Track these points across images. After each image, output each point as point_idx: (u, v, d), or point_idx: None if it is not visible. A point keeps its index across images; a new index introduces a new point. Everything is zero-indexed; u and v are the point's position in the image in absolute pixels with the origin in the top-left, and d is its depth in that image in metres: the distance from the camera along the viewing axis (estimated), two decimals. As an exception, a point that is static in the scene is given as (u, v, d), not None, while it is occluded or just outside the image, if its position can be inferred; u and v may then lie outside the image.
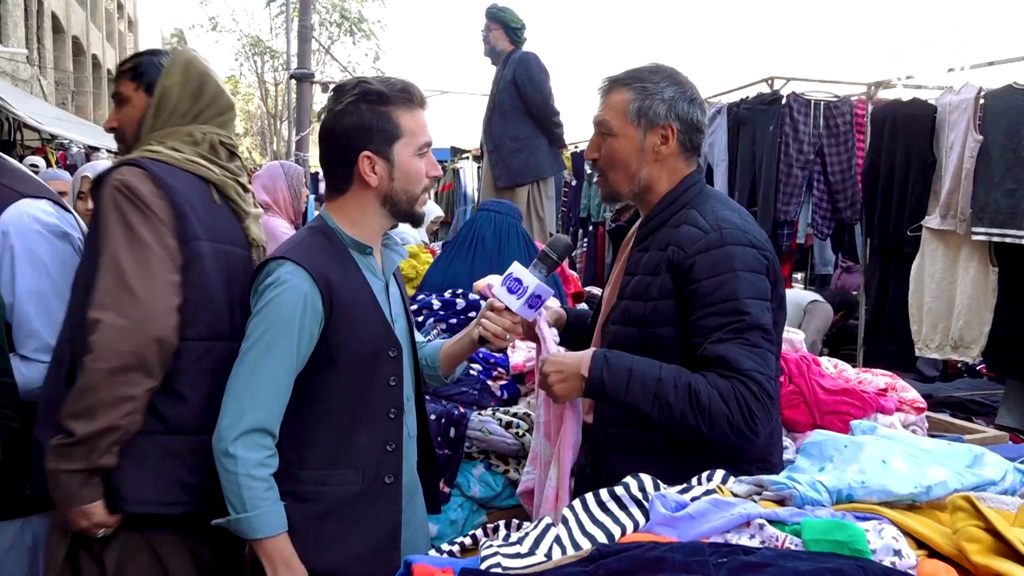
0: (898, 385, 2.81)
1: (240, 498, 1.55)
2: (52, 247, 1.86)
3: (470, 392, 2.46)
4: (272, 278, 1.61)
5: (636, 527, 1.16)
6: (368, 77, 1.74)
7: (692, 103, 1.76)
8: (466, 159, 10.60)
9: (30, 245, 1.82)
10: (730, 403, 1.55)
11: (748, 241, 1.66)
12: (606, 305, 1.89)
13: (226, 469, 1.56)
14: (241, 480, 1.55)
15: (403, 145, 1.67)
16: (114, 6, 30.78)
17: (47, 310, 1.83)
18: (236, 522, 1.56)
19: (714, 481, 1.28)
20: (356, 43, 29.64)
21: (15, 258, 1.80)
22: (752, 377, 1.57)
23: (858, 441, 1.26)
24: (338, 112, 1.67)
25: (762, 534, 1.08)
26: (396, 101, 1.67)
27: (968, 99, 4.36)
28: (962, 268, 4.38)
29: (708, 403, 1.56)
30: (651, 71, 1.77)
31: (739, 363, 1.57)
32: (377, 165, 1.67)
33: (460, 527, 2.29)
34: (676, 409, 1.57)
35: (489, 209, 3.41)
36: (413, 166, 1.69)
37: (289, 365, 1.59)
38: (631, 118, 1.75)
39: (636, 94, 1.74)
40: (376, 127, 1.65)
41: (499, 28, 4.94)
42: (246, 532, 1.57)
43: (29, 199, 1.86)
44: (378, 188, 1.69)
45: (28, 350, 1.81)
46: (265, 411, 1.58)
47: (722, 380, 1.57)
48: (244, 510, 1.55)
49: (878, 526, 1.08)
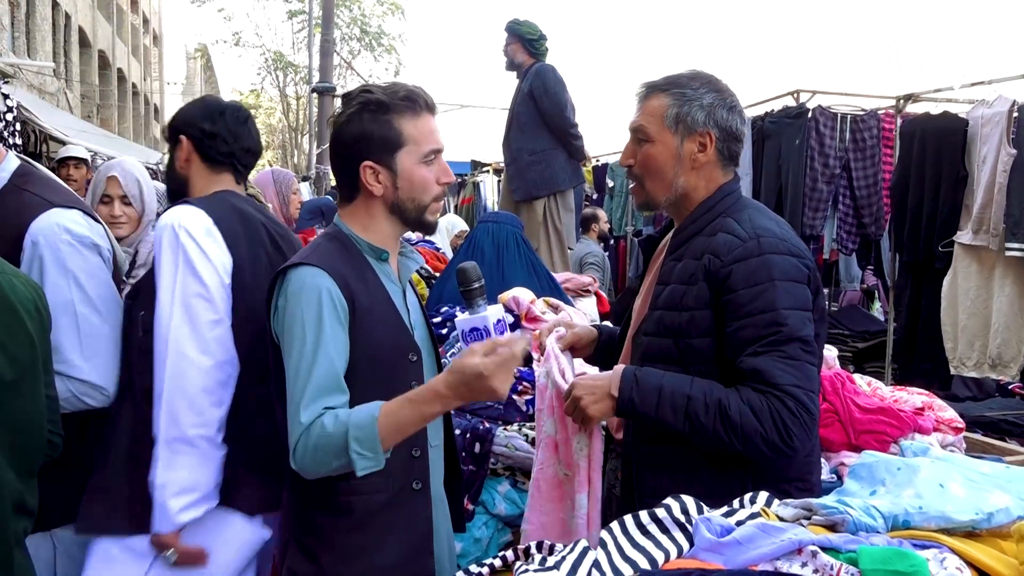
0: (935, 404, 2.72)
1: (332, 448, 1.46)
2: (82, 258, 1.84)
3: (495, 407, 2.41)
4: (293, 285, 1.57)
5: (680, 552, 1.11)
6: (372, 85, 1.71)
7: (731, 111, 1.72)
8: (486, 172, 10.60)
9: (59, 256, 1.80)
10: (763, 419, 1.51)
11: (787, 250, 1.61)
12: (637, 316, 1.84)
13: (310, 445, 1.47)
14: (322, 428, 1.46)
15: (407, 153, 1.63)
16: (140, 21, 31.27)
17: (74, 322, 1.81)
18: (353, 434, 1.45)
19: (758, 504, 1.23)
20: (377, 57, 29.92)
21: (44, 268, 1.78)
22: (788, 392, 1.51)
23: (912, 464, 1.20)
24: (342, 121, 1.65)
25: (815, 562, 1.02)
26: (398, 109, 1.63)
27: (1001, 112, 4.28)
28: (997, 285, 4.29)
29: (739, 420, 1.52)
30: (690, 77, 1.73)
31: (775, 377, 1.52)
32: (380, 174, 1.64)
33: (485, 546, 2.24)
34: (708, 427, 1.54)
35: (486, 221, 3.48)
36: (418, 174, 1.65)
37: (335, 352, 1.53)
38: (668, 124, 1.70)
39: (674, 100, 1.70)
40: (377, 136, 1.62)
41: (516, 41, 4.94)
42: (365, 427, 1.45)
43: (59, 208, 1.84)
44: (384, 197, 1.66)
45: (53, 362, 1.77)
46: (330, 398, 1.51)
47: (756, 395, 1.52)
48: (343, 426, 1.45)
49: (939, 555, 1.02)
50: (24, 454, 1.50)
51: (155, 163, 18.20)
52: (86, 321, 1.81)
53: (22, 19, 16.28)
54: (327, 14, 13.97)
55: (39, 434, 1.54)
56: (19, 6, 16.01)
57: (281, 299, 1.59)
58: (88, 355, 1.81)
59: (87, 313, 1.82)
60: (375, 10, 29.81)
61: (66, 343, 1.79)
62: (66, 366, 1.79)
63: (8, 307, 1.45)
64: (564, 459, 1.80)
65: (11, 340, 1.45)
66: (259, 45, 30.62)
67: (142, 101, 31.27)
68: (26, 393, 1.49)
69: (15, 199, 1.81)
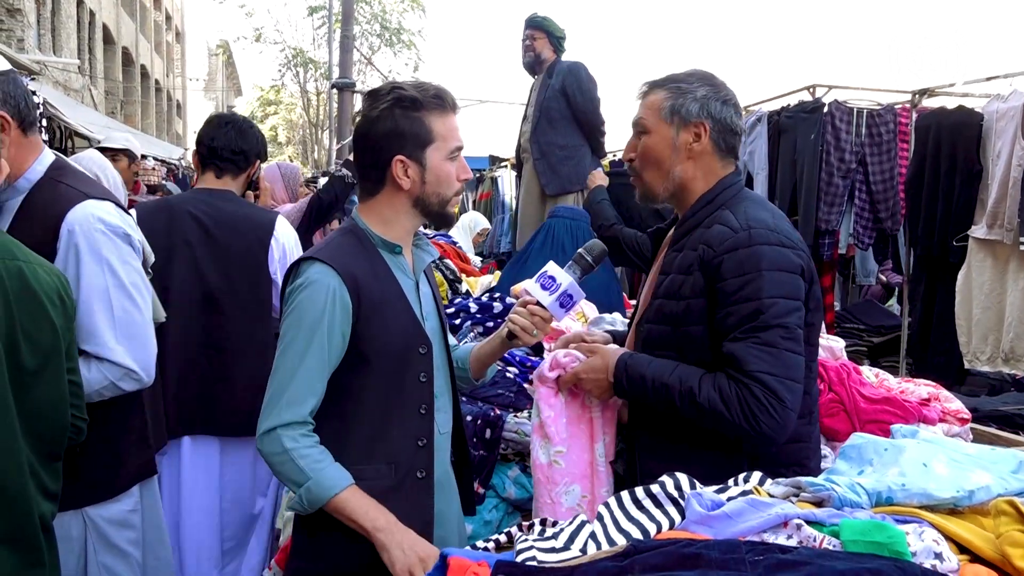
0: (941, 395, 2.75)
1: (298, 470, 1.59)
2: (116, 247, 1.91)
3: (506, 394, 2.47)
4: (302, 279, 1.66)
5: (672, 525, 1.16)
6: (402, 82, 1.78)
7: (725, 104, 1.78)
8: (504, 167, 10.62)
9: (95, 244, 1.87)
10: (730, 405, 1.59)
11: (778, 240, 1.66)
12: (642, 304, 1.90)
13: (275, 455, 1.61)
14: (292, 455, 1.60)
15: (435, 149, 1.71)
16: (162, 18, 31.59)
17: (109, 307, 1.88)
18: (306, 492, 1.59)
19: (751, 482, 1.28)
20: (396, 53, 30.04)
21: (80, 256, 1.85)
22: (757, 378, 1.58)
23: (899, 444, 1.25)
24: (373, 117, 1.71)
25: (799, 534, 1.08)
26: (429, 106, 1.70)
27: (1016, 107, 4.26)
28: (1011, 279, 4.28)
29: (707, 406, 1.61)
30: (687, 73, 1.82)
31: (747, 364, 1.59)
32: (410, 169, 1.70)
33: (495, 528, 2.30)
34: (683, 412, 1.66)
35: (562, 216, 3.53)
36: (444, 170, 1.73)
37: (322, 361, 1.64)
38: (664, 116, 1.78)
39: (670, 93, 1.79)
40: (409, 132, 1.69)
41: (544, 37, 4.99)
42: (318, 496, 1.59)
43: (94, 200, 1.91)
44: (410, 191, 1.73)
45: (88, 346, 1.86)
46: (304, 407, 1.63)
47: (727, 381, 1.61)
48: (306, 477, 1.59)
49: (918, 529, 1.07)
50: (48, 439, 1.55)
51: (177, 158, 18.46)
52: (120, 307, 1.88)
53: (47, 17, 16.54)
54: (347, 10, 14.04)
55: (62, 420, 1.59)
56: (44, 4, 16.25)
57: (290, 288, 1.68)
58: (122, 339, 1.87)
59: (121, 299, 1.88)
60: (395, 6, 29.95)
61: (101, 327, 1.86)
62: (102, 349, 1.85)
63: (32, 296, 1.49)
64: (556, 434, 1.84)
65: (35, 328, 1.49)
66: (280, 41, 30.83)
67: (165, 97, 31.61)
68: (49, 380, 1.53)
69: (52, 190, 1.88)
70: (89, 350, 1.84)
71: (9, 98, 1.76)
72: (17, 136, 1.81)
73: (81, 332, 1.82)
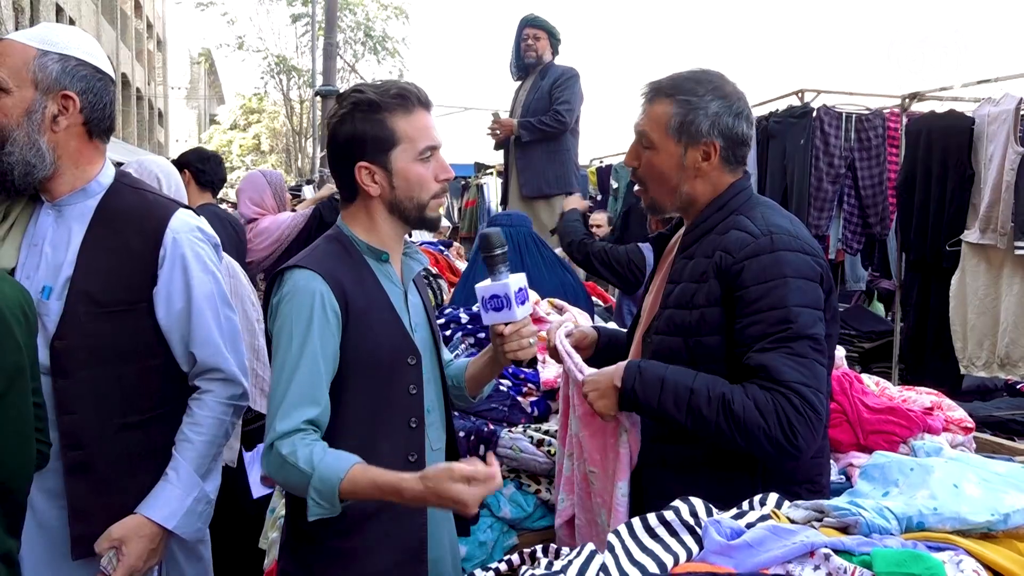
0: (944, 404, 2.69)
1: (299, 471, 1.46)
2: (215, 256, 1.92)
3: (500, 409, 2.39)
4: (287, 287, 1.58)
5: (689, 555, 1.08)
6: (364, 84, 1.70)
7: (738, 117, 1.68)
8: (490, 175, 10.56)
9: (199, 254, 1.86)
10: (767, 416, 1.48)
11: (800, 247, 1.58)
12: (647, 315, 1.81)
13: (277, 467, 1.51)
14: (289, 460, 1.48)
15: (402, 151, 1.61)
16: (143, 26, 31.34)
17: (217, 316, 1.86)
18: (315, 490, 1.46)
19: (768, 505, 1.20)
20: (380, 61, 29.94)
21: (187, 265, 1.82)
22: (794, 389, 1.49)
23: (925, 464, 1.17)
24: (335, 123, 1.64)
25: (828, 565, 1.00)
26: (390, 107, 1.61)
27: (1008, 110, 4.25)
28: (1005, 283, 4.25)
29: (743, 414, 1.49)
30: (696, 81, 1.69)
31: (782, 374, 1.49)
32: (376, 175, 1.62)
33: (490, 549, 2.21)
34: (710, 421, 1.52)
35: (499, 224, 3.41)
36: (415, 172, 1.63)
37: (316, 370, 1.54)
38: (672, 132, 1.67)
39: (679, 108, 1.67)
40: (371, 136, 1.60)
41: (546, 37, 4.95)
42: (329, 487, 1.45)
43: (184, 209, 1.91)
44: (381, 196, 1.64)
45: (203, 353, 1.83)
46: (298, 416, 1.51)
47: (761, 392, 1.50)
48: (309, 473, 1.46)
49: (955, 557, 1.00)
50: (10, 469, 1.43)
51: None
52: (226, 316, 1.88)
53: (26, 24, 16.35)
54: (330, 18, 13.95)
55: (28, 450, 1.48)
56: (23, 11, 16.07)
57: (275, 299, 1.60)
58: (231, 350, 1.87)
59: (224, 309, 1.88)
60: (379, 14, 29.88)
61: (215, 336, 1.84)
62: (220, 359, 1.84)
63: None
64: (589, 456, 1.78)
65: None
66: (263, 49, 30.66)
67: (146, 106, 31.34)
68: (14, 403, 1.42)
69: (136, 196, 1.85)
70: (206, 359, 1.82)
71: (89, 92, 1.74)
72: (81, 134, 1.77)
73: (195, 341, 1.81)
